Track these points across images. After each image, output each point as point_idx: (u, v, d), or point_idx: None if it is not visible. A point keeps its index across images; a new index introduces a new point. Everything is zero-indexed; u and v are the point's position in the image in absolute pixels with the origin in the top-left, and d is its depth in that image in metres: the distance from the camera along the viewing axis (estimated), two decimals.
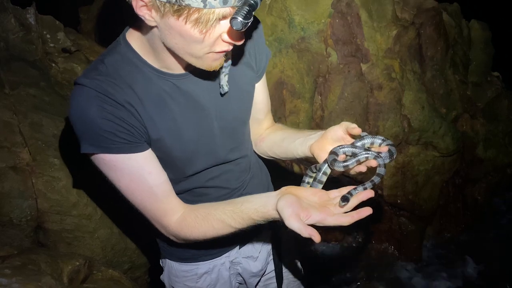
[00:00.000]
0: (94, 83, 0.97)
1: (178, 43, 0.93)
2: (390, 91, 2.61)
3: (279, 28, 2.55)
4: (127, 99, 1.00)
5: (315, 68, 2.59)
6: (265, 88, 1.32)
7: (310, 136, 1.21)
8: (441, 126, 2.69)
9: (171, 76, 1.07)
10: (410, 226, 2.92)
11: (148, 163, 1.06)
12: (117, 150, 1.00)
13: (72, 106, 0.98)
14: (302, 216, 0.93)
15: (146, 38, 1.00)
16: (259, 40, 1.22)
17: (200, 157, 1.16)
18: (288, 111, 2.65)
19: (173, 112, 1.08)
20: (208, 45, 0.93)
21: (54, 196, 1.69)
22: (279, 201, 0.98)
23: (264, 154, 1.41)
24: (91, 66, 1.04)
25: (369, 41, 2.57)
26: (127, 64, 1.03)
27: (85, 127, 0.98)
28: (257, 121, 1.35)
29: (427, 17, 2.66)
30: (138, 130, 1.03)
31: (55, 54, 2.23)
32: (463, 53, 2.92)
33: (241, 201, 1.08)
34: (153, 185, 1.06)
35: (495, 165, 3.01)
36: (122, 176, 1.04)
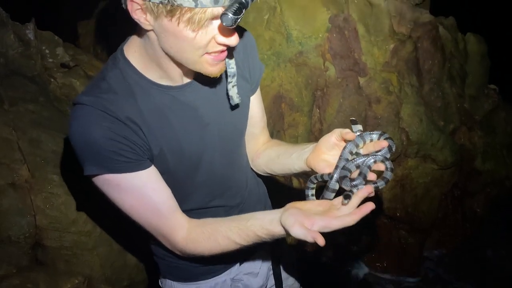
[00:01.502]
0: (96, 102, 0.97)
1: (173, 46, 0.94)
2: (388, 104, 2.62)
3: (277, 42, 2.56)
4: (129, 116, 1.00)
5: (313, 82, 2.60)
6: (260, 102, 1.32)
7: (305, 150, 1.21)
8: (440, 139, 2.69)
9: (171, 89, 1.07)
10: (409, 239, 2.91)
11: (152, 180, 1.05)
12: (121, 169, 0.99)
13: (73, 126, 0.97)
14: (306, 224, 0.92)
15: (144, 47, 1.01)
16: (252, 53, 1.23)
17: (200, 171, 1.16)
18: (287, 124, 2.65)
19: (174, 125, 1.07)
20: (202, 47, 0.93)
21: (53, 213, 1.68)
22: (282, 215, 0.97)
23: (261, 171, 1.40)
24: (92, 83, 1.03)
25: (366, 55, 2.59)
26: (127, 79, 1.03)
27: (88, 148, 0.97)
28: (253, 136, 1.35)
29: (424, 31, 2.69)
30: (141, 147, 1.02)
31: (54, 69, 2.24)
32: (459, 66, 2.94)
33: (247, 218, 1.07)
34: (158, 202, 1.05)
35: (493, 177, 3.01)
36: (126, 195, 1.03)
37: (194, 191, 1.18)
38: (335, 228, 0.93)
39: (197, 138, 1.12)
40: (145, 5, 0.89)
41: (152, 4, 0.88)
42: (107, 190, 1.03)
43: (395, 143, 1.09)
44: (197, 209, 1.20)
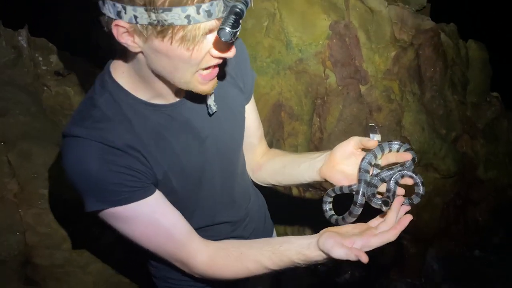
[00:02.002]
0: (92, 133, 0.91)
1: (165, 66, 0.89)
2: (390, 112, 2.58)
3: (277, 49, 2.52)
4: (128, 143, 0.94)
5: (313, 90, 2.56)
6: (255, 110, 1.28)
7: (317, 159, 1.16)
8: (442, 148, 2.66)
9: (164, 107, 1.02)
10: (411, 249, 2.87)
11: (160, 205, 1.00)
12: (127, 200, 0.94)
13: (69, 162, 0.91)
14: (346, 243, 0.91)
15: (133, 67, 0.95)
16: (244, 61, 1.19)
17: (202, 188, 1.11)
18: (287, 133, 2.60)
19: (173, 145, 1.02)
20: (196, 63, 0.88)
21: (43, 230, 1.61)
22: (319, 239, 0.95)
23: (263, 182, 1.35)
24: (82, 112, 0.96)
25: (367, 62, 2.55)
26: (119, 103, 0.97)
27: (89, 183, 0.91)
28: (251, 147, 1.31)
29: (426, 38, 2.65)
30: (145, 173, 0.97)
31: (47, 77, 2.17)
32: (461, 74, 2.91)
33: (279, 242, 1.03)
34: (169, 226, 1.00)
35: (496, 186, 2.97)
36: (135, 225, 0.98)
37: (197, 209, 1.13)
38: (375, 246, 0.91)
39: (197, 154, 1.08)
40: (132, 27, 0.82)
41: (141, 26, 0.81)
42: (114, 223, 0.97)
43: (416, 153, 1.05)
44: (203, 227, 1.15)
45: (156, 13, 0.78)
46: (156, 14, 0.79)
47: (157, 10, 0.78)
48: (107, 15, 0.83)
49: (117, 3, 0.80)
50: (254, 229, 1.31)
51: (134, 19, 0.80)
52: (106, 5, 0.82)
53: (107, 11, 0.82)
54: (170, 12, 0.78)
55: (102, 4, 0.83)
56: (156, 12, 0.78)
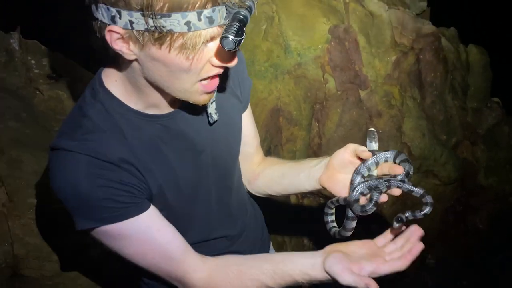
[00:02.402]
0: (82, 146, 0.85)
1: (163, 75, 0.83)
2: (390, 118, 2.55)
3: (275, 53, 2.47)
4: (121, 156, 0.88)
5: (312, 95, 2.51)
6: (251, 119, 1.23)
7: (315, 168, 1.12)
8: (442, 154, 2.63)
9: (159, 118, 0.96)
10: None
11: (155, 221, 0.95)
12: (120, 217, 0.88)
13: (57, 178, 0.85)
14: (354, 269, 0.87)
15: (126, 76, 0.89)
16: (241, 68, 1.13)
17: (198, 202, 1.06)
18: (285, 138, 2.56)
19: (168, 158, 0.97)
20: (196, 73, 0.83)
21: (32, 241, 1.55)
22: (326, 261, 0.91)
23: (260, 193, 1.30)
24: (71, 123, 0.90)
25: (367, 67, 2.52)
26: (111, 113, 0.91)
27: (79, 200, 0.85)
28: (247, 156, 1.25)
29: (426, 42, 2.62)
30: (139, 188, 0.91)
31: (39, 81, 2.11)
32: (461, 79, 2.88)
33: (281, 260, 0.99)
34: (165, 243, 0.95)
35: (496, 192, 2.95)
36: (129, 243, 0.92)
37: (193, 224, 1.08)
38: (384, 273, 0.88)
39: (193, 167, 1.02)
40: (127, 34, 0.77)
41: (137, 32, 0.75)
42: (107, 241, 0.92)
43: (412, 165, 1.00)
44: (199, 242, 1.09)
45: (154, 19, 0.73)
46: (154, 20, 0.73)
47: (155, 15, 0.73)
48: (100, 20, 0.78)
49: (111, 7, 0.75)
50: (252, 242, 1.26)
51: (129, 24, 0.75)
52: (99, 9, 0.77)
53: (100, 16, 0.77)
54: (169, 18, 0.73)
55: (95, 8, 0.78)
56: (154, 18, 0.73)
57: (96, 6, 0.77)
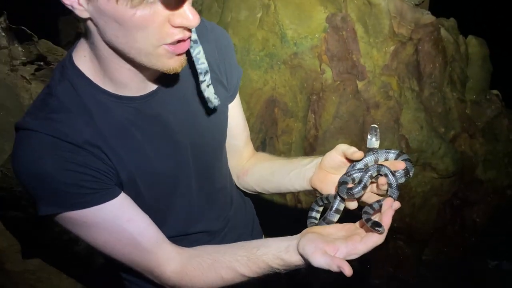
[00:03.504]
0: (46, 126, 0.79)
1: (118, 35, 0.75)
2: (388, 110, 2.50)
3: (271, 43, 2.41)
4: (87, 139, 0.82)
5: (308, 86, 2.46)
6: (240, 110, 1.16)
7: (306, 167, 1.06)
8: (441, 147, 2.58)
9: (132, 100, 0.89)
10: (407, 250, 2.82)
11: (125, 209, 0.89)
12: (85, 204, 0.82)
13: (19, 159, 0.79)
14: (328, 250, 0.80)
15: (92, 48, 0.82)
16: (229, 54, 1.06)
17: (176, 194, 1.00)
18: (280, 130, 2.50)
19: (141, 144, 0.90)
20: (155, 33, 0.74)
21: (14, 234, 1.49)
22: (300, 242, 0.84)
23: (249, 189, 1.24)
24: (37, 102, 0.84)
25: (365, 57, 2.46)
26: (79, 93, 0.84)
27: (41, 184, 0.79)
28: (236, 150, 1.19)
29: (425, 32, 2.56)
30: (107, 174, 0.85)
31: (26, 69, 2.04)
32: (460, 70, 2.83)
33: (256, 246, 0.92)
34: (136, 234, 0.89)
35: (495, 186, 2.91)
36: (97, 232, 0.86)
37: (170, 217, 1.01)
38: (362, 252, 0.81)
39: (170, 155, 0.96)
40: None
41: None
42: (72, 229, 0.86)
43: (413, 165, 0.93)
44: (175, 236, 1.03)
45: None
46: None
47: None
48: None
49: None
50: (238, 237, 1.19)
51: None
52: None
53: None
54: None
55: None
56: None
57: None
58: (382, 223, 0.82)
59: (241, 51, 2.40)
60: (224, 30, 1.09)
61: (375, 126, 0.97)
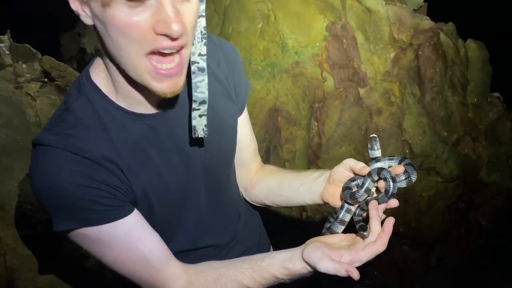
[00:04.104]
0: (63, 141, 0.80)
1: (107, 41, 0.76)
2: (390, 115, 2.51)
3: (272, 52, 2.43)
4: (104, 154, 0.83)
5: (310, 94, 2.47)
6: (248, 123, 1.17)
7: (316, 182, 1.08)
8: (444, 151, 2.59)
9: (146, 117, 0.90)
10: (412, 254, 2.81)
11: (137, 227, 0.90)
12: (100, 220, 0.83)
13: (36, 173, 0.80)
14: (333, 256, 0.83)
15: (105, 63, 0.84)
16: (237, 68, 1.08)
17: (186, 208, 1.01)
18: (284, 139, 2.51)
19: (154, 160, 0.92)
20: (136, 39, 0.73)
21: (25, 252, 1.49)
22: (304, 251, 0.86)
23: (258, 202, 1.25)
24: (55, 118, 0.86)
25: (366, 64, 2.47)
26: (96, 108, 0.85)
27: (57, 199, 0.80)
28: (244, 163, 1.20)
29: (425, 38, 2.58)
30: (121, 190, 0.86)
31: (31, 86, 2.06)
32: (461, 74, 2.84)
33: (261, 258, 0.94)
34: (146, 253, 0.90)
35: (499, 189, 2.91)
36: (108, 249, 0.87)
37: (180, 231, 1.02)
38: (365, 260, 0.83)
39: (181, 171, 0.97)
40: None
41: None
42: (84, 245, 0.87)
43: (416, 170, 0.95)
44: (184, 251, 1.04)
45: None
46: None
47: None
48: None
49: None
50: (245, 251, 1.19)
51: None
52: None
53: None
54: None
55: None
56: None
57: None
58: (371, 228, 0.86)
59: (243, 62, 2.39)
60: (232, 45, 1.11)
61: (374, 136, 0.99)
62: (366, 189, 0.93)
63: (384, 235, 0.85)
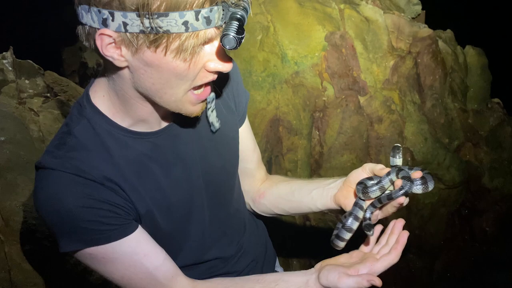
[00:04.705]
0: (65, 164, 0.81)
1: (155, 83, 0.79)
2: (391, 123, 2.52)
3: (272, 63, 2.45)
4: (105, 175, 0.84)
5: (311, 103, 2.48)
6: (249, 133, 1.18)
7: (330, 186, 1.09)
8: (446, 158, 2.59)
9: (147, 135, 0.92)
10: (418, 263, 2.80)
11: (142, 244, 0.90)
12: (106, 239, 0.84)
13: (41, 197, 0.81)
14: (350, 273, 0.87)
15: (114, 88, 0.85)
16: (236, 79, 1.10)
17: (191, 223, 1.01)
18: (286, 148, 2.52)
19: (157, 176, 0.93)
20: (191, 79, 0.79)
21: (29, 267, 1.50)
22: (320, 276, 0.90)
23: (266, 212, 1.25)
24: (56, 141, 0.87)
25: (365, 73, 2.49)
26: (97, 130, 0.87)
27: (62, 221, 0.82)
28: (249, 173, 1.21)
29: (424, 45, 2.60)
30: (125, 208, 0.87)
31: (34, 101, 2.08)
32: (460, 81, 2.85)
33: (273, 280, 0.96)
34: (152, 269, 0.91)
35: (502, 194, 2.90)
36: (115, 267, 0.88)
37: (185, 245, 1.03)
38: (380, 271, 0.88)
39: (185, 186, 0.98)
40: (120, 37, 0.73)
41: (130, 35, 0.72)
42: (91, 264, 0.88)
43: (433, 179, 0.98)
44: (191, 265, 1.05)
45: (150, 19, 0.70)
46: (150, 20, 0.70)
47: (151, 15, 0.69)
48: (89, 25, 0.74)
49: (103, 9, 0.71)
50: (252, 262, 1.20)
51: (123, 27, 0.71)
52: (89, 13, 0.72)
53: (90, 20, 0.73)
54: (166, 17, 0.69)
55: (83, 12, 0.74)
56: (150, 18, 0.69)
57: (86, 9, 0.73)
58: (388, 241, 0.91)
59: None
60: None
61: (397, 145, 1.01)
62: (381, 187, 0.94)
63: (399, 247, 0.89)
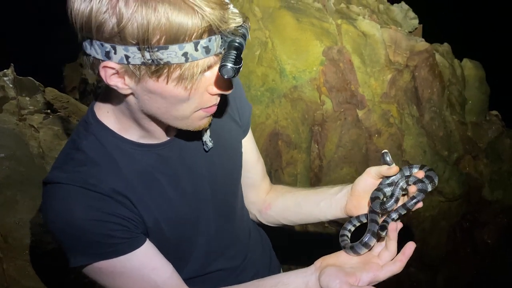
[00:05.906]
0: (73, 178, 0.83)
1: (160, 107, 0.82)
2: (390, 136, 2.53)
3: (270, 78, 2.47)
4: (114, 188, 0.86)
5: (310, 117, 2.50)
6: (253, 144, 1.21)
7: (337, 196, 1.10)
8: (445, 170, 2.59)
9: (154, 147, 0.94)
10: (419, 276, 2.78)
11: (150, 258, 0.92)
12: (115, 253, 0.85)
13: (50, 211, 0.83)
14: (351, 282, 0.87)
15: (120, 109, 0.88)
16: (239, 92, 1.13)
17: (197, 234, 1.02)
18: (285, 162, 2.53)
19: (164, 188, 0.94)
20: (195, 102, 0.82)
21: (28, 283, 1.49)
22: (321, 278, 0.90)
23: (274, 223, 1.27)
24: (63, 157, 0.89)
25: (363, 86, 2.51)
26: (104, 144, 0.89)
27: (71, 235, 0.83)
28: (253, 184, 1.22)
29: (421, 59, 2.63)
30: (133, 221, 0.88)
31: (34, 118, 2.09)
32: (458, 93, 2.87)
33: (273, 283, 0.96)
34: (160, 283, 0.92)
35: (503, 206, 2.89)
36: (122, 281, 0.89)
37: (191, 257, 1.04)
38: (382, 279, 0.88)
39: (191, 198, 0.99)
40: (123, 68, 0.76)
41: (133, 66, 0.74)
42: (100, 279, 0.89)
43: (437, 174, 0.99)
44: (196, 277, 1.06)
45: (150, 52, 0.72)
46: (151, 53, 0.72)
47: (151, 48, 0.72)
48: (93, 56, 0.76)
49: (105, 43, 0.73)
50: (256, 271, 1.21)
51: (125, 59, 0.74)
52: (92, 46, 0.75)
53: (94, 52, 0.76)
54: (166, 50, 0.72)
55: (88, 45, 0.76)
56: (151, 51, 0.72)
57: (90, 42, 0.76)
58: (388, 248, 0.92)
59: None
60: None
61: (385, 151, 1.03)
62: (396, 199, 0.98)
63: (404, 258, 0.90)
